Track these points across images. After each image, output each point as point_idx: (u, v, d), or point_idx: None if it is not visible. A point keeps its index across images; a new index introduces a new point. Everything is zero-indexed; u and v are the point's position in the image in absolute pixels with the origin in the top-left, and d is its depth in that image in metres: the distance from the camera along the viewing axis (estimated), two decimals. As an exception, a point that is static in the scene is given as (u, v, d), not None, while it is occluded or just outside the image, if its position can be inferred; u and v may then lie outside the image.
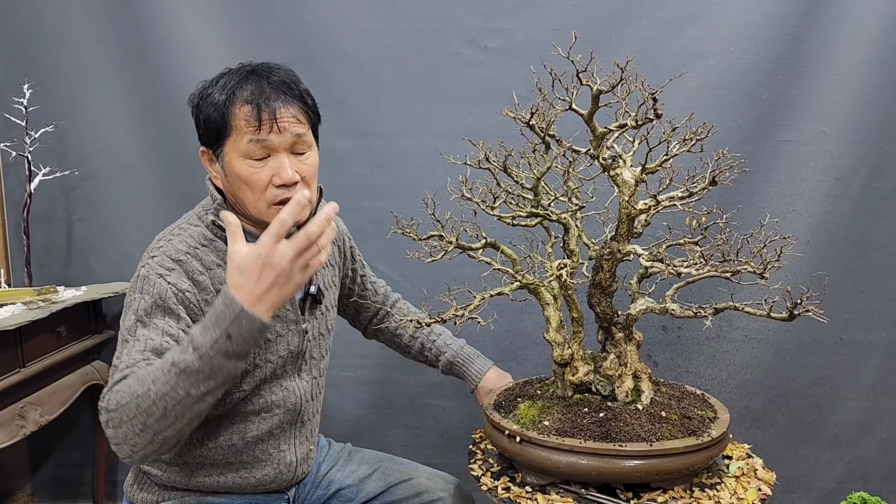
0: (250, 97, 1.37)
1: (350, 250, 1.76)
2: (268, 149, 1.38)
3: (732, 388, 2.40)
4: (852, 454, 2.42)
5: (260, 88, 1.38)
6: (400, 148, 2.36)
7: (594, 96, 1.37)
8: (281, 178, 1.38)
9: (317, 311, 1.57)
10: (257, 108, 1.36)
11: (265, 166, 1.39)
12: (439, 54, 2.32)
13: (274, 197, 1.40)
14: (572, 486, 1.38)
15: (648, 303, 1.48)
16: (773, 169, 2.29)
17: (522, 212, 1.49)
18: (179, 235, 1.43)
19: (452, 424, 2.48)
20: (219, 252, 1.43)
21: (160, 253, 1.39)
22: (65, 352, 2.18)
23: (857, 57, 2.22)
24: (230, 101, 1.38)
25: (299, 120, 1.40)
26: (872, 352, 2.36)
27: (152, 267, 1.37)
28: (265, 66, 1.44)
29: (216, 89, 1.41)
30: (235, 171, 1.39)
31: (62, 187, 2.43)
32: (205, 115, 1.41)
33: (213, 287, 1.41)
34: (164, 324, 1.32)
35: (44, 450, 2.62)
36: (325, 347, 1.63)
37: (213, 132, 1.41)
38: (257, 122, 1.36)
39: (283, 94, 1.39)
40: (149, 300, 1.34)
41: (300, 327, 1.51)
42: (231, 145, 1.39)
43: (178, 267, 1.38)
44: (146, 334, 1.31)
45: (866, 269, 2.33)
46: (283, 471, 1.54)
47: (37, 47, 2.38)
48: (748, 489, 1.38)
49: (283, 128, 1.37)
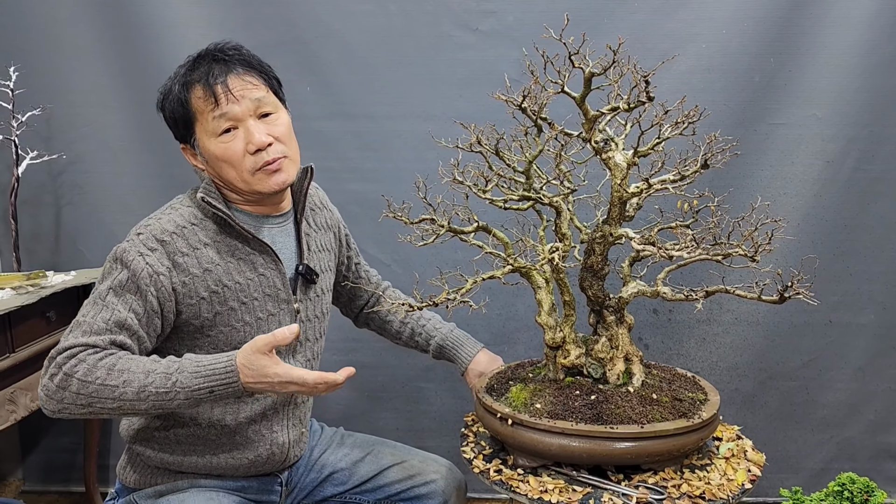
0: (199, 77, 1.41)
1: (346, 238, 1.77)
2: (233, 120, 1.41)
3: (723, 371, 2.42)
4: (841, 435, 2.45)
5: (208, 67, 1.42)
6: (390, 131, 2.35)
7: (586, 79, 1.36)
8: (253, 143, 1.41)
9: (311, 293, 1.57)
10: (208, 85, 1.40)
11: (236, 138, 1.42)
12: (430, 36, 2.31)
13: (254, 164, 1.43)
14: (564, 468, 1.39)
15: (640, 286, 1.48)
16: (765, 152, 2.29)
17: (514, 195, 1.48)
18: (169, 214, 1.45)
19: (444, 408, 2.49)
20: (207, 231, 1.45)
21: (146, 231, 1.41)
22: (54, 336, 2.16)
23: (849, 40, 2.22)
24: (185, 89, 1.42)
25: (254, 84, 1.43)
26: (861, 334, 2.38)
27: (135, 243, 1.39)
28: (210, 46, 1.47)
29: (171, 85, 1.46)
30: (211, 151, 1.43)
31: (50, 171, 2.41)
32: (169, 110, 1.46)
33: (200, 265, 1.42)
34: (133, 301, 1.37)
35: (35, 435, 2.62)
36: (320, 331, 1.63)
37: (182, 124, 1.45)
38: (213, 97, 1.40)
39: (231, 65, 1.43)
40: (126, 275, 1.37)
41: (291, 307, 1.52)
42: (200, 129, 1.43)
43: (160, 248, 1.39)
44: (115, 304, 1.36)
45: (856, 251, 2.34)
46: (275, 452, 1.54)
47: (22, 30, 2.35)
48: (738, 470, 1.40)
49: (241, 95, 1.41)
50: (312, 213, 1.64)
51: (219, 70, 1.42)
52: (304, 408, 1.61)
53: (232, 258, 1.45)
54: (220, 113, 1.41)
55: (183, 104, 1.43)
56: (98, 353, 1.31)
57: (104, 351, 1.32)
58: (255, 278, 1.47)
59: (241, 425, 1.49)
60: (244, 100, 1.41)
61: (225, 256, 1.45)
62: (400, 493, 1.64)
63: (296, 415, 1.58)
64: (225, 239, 1.46)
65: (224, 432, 1.49)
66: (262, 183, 1.45)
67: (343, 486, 1.65)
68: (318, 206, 1.67)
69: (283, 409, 1.55)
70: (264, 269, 1.48)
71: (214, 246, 1.44)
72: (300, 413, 1.60)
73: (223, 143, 1.42)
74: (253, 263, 1.47)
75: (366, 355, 2.44)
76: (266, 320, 1.48)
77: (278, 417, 1.54)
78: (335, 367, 1.31)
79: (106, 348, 1.33)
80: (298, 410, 1.59)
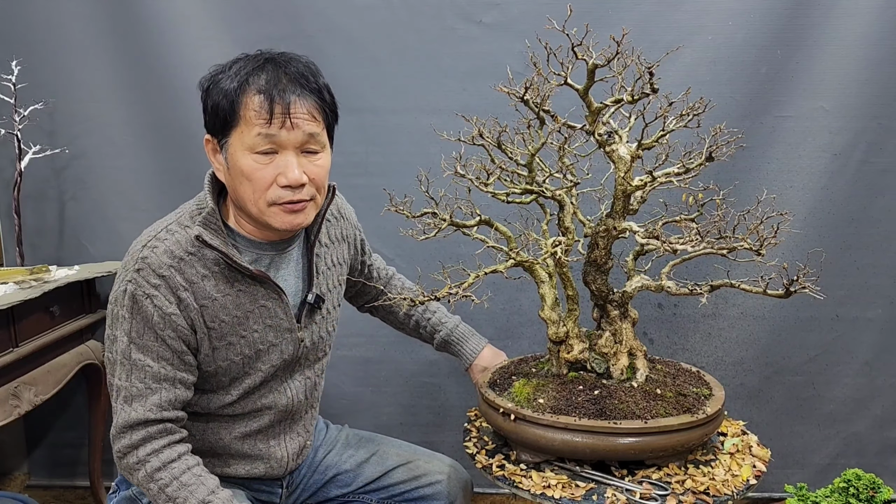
0: (264, 86, 1.28)
1: (361, 243, 1.70)
2: (276, 144, 1.30)
3: (728, 365, 2.40)
4: (847, 430, 2.43)
5: (276, 78, 1.29)
6: (394, 125, 2.34)
7: (590, 71, 1.35)
8: (287, 178, 1.31)
9: (316, 316, 1.52)
10: (270, 99, 1.27)
11: (271, 163, 1.31)
12: (433, 29, 2.29)
13: (277, 198, 1.32)
14: (567, 463, 1.38)
15: (644, 280, 1.47)
16: (771, 145, 2.27)
17: (517, 189, 1.47)
18: (165, 242, 1.34)
19: (448, 403, 2.49)
20: (205, 261, 1.36)
21: (145, 266, 1.32)
22: (58, 331, 2.17)
23: (857, 31, 2.19)
24: (241, 90, 1.29)
25: (314, 117, 1.32)
26: (868, 328, 2.37)
27: (139, 284, 1.32)
28: (284, 55, 1.35)
29: (228, 75, 1.32)
30: (239, 164, 1.31)
31: (53, 166, 2.41)
32: (213, 101, 1.32)
33: (196, 303, 1.35)
34: (157, 348, 1.33)
35: (40, 429, 2.62)
36: (324, 349, 1.58)
37: (221, 120, 1.32)
38: (269, 114, 1.28)
39: (300, 86, 1.30)
40: (140, 322, 1.32)
41: (294, 335, 1.47)
42: (237, 136, 1.31)
43: (162, 283, 1.32)
44: (143, 360, 1.32)
45: (863, 245, 2.32)
46: (273, 466, 1.52)
47: (24, 24, 2.34)
48: (743, 466, 1.39)
49: (296, 124, 1.29)
50: (328, 225, 1.56)
51: (287, 86, 1.29)
52: (304, 420, 1.57)
53: (231, 290, 1.38)
54: (268, 133, 1.28)
55: (232, 103, 1.29)
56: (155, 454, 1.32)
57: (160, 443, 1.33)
58: (255, 310, 1.40)
59: (235, 440, 1.47)
60: (298, 129, 1.30)
61: (223, 289, 1.37)
62: (405, 494, 1.63)
63: (294, 429, 1.55)
64: (223, 270, 1.37)
65: (219, 446, 1.47)
66: (275, 218, 1.35)
67: (348, 487, 1.64)
68: (335, 217, 1.59)
69: (279, 425, 1.52)
70: (265, 300, 1.41)
71: (213, 278, 1.36)
72: (300, 427, 1.56)
73: (256, 163, 1.30)
74: (253, 295, 1.40)
75: (370, 350, 2.43)
76: (267, 351, 1.43)
77: (275, 432, 1.51)
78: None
79: (158, 420, 1.33)
80: (298, 425, 1.55)
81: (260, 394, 1.46)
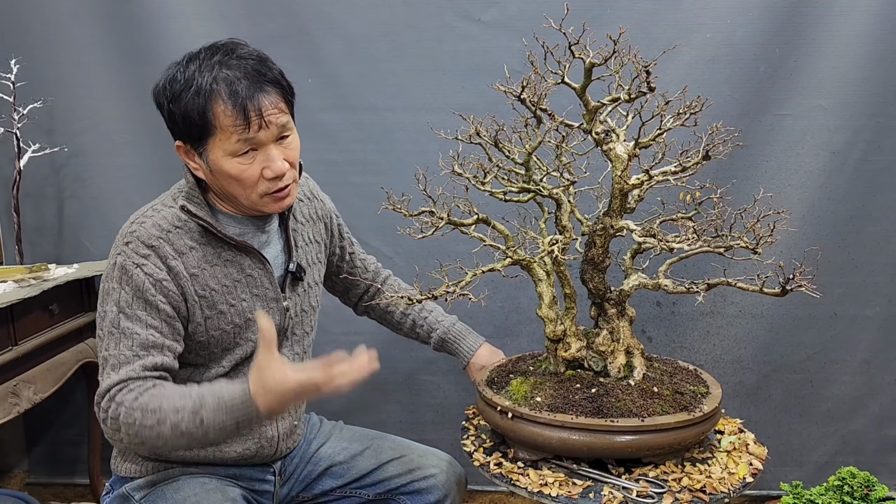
0: (230, 93, 1.32)
1: (338, 228, 1.75)
2: (255, 144, 1.37)
3: (726, 364, 2.41)
4: (845, 428, 2.44)
5: (237, 82, 1.33)
6: (392, 123, 2.34)
7: (587, 69, 1.35)
8: (273, 171, 1.39)
9: (299, 288, 1.57)
10: (242, 107, 1.32)
11: (254, 161, 1.38)
12: (432, 28, 2.29)
13: (267, 189, 1.41)
14: (564, 461, 1.39)
15: (641, 278, 1.47)
16: (769, 143, 2.27)
17: (514, 187, 1.47)
18: (152, 217, 1.42)
19: (447, 401, 2.49)
20: (192, 234, 1.43)
21: (134, 238, 1.39)
22: (57, 329, 2.17)
23: (856, 30, 2.19)
24: (208, 101, 1.33)
25: (281, 108, 1.39)
26: (866, 326, 2.37)
27: (128, 255, 1.37)
28: (231, 50, 1.38)
29: (187, 87, 1.34)
30: (224, 169, 1.38)
31: (52, 164, 2.41)
32: (180, 112, 1.35)
33: (186, 272, 1.41)
34: (146, 316, 1.36)
35: (39, 427, 2.63)
36: (310, 324, 1.63)
37: (195, 132, 1.37)
38: (245, 122, 1.33)
39: (261, 81, 1.35)
40: (129, 292, 1.36)
41: (280, 304, 1.52)
42: (216, 144, 1.36)
43: (152, 252, 1.38)
44: (132, 328, 1.35)
45: (861, 243, 2.32)
46: (264, 445, 1.54)
47: (23, 22, 2.34)
48: (739, 464, 1.39)
49: (269, 122, 1.36)
50: (300, 204, 1.62)
51: (250, 88, 1.34)
52: None
53: (218, 260, 1.45)
54: (247, 138, 1.34)
55: (203, 114, 1.33)
56: (132, 392, 1.30)
57: (139, 386, 1.31)
58: (242, 279, 1.47)
59: None
60: (272, 126, 1.36)
61: (211, 259, 1.44)
62: (400, 488, 1.63)
63: None
64: (210, 241, 1.44)
65: None
66: (268, 206, 1.44)
67: (342, 479, 1.65)
68: (306, 197, 1.65)
69: None
70: (252, 269, 1.48)
71: (200, 249, 1.43)
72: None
73: (241, 165, 1.37)
74: (240, 265, 1.47)
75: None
76: (255, 319, 1.46)
77: None
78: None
79: (140, 377, 1.32)
80: None
81: (250, 365, 1.46)
